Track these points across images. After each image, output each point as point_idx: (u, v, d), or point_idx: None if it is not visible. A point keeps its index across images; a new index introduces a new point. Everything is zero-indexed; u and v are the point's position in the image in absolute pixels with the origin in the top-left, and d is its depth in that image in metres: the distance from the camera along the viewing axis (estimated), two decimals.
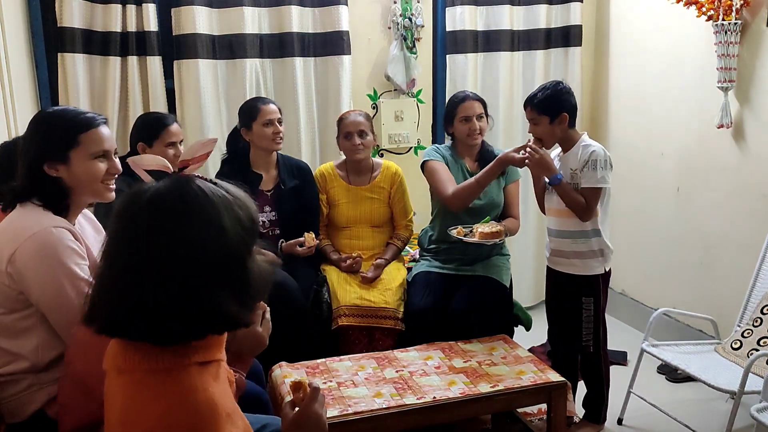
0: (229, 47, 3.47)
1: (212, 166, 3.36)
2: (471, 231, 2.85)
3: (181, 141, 2.87)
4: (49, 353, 1.78)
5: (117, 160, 1.86)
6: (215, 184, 1.18)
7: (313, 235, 2.98)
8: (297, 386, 1.45)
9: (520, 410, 2.74)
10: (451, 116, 2.99)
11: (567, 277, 2.71)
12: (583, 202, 2.58)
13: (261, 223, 3.04)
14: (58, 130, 1.78)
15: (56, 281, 1.70)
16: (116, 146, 1.90)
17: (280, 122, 3.05)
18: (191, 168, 1.32)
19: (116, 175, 1.86)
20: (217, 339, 1.20)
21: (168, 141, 2.78)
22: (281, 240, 3.02)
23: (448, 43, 3.82)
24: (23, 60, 3.11)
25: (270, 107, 3.03)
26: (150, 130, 2.81)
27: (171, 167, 1.32)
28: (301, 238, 2.97)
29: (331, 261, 3.13)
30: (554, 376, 2.29)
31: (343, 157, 3.25)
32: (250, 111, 3.04)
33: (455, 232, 2.86)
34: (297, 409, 1.39)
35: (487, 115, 3.04)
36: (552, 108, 2.62)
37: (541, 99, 2.65)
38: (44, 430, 1.78)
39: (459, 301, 2.79)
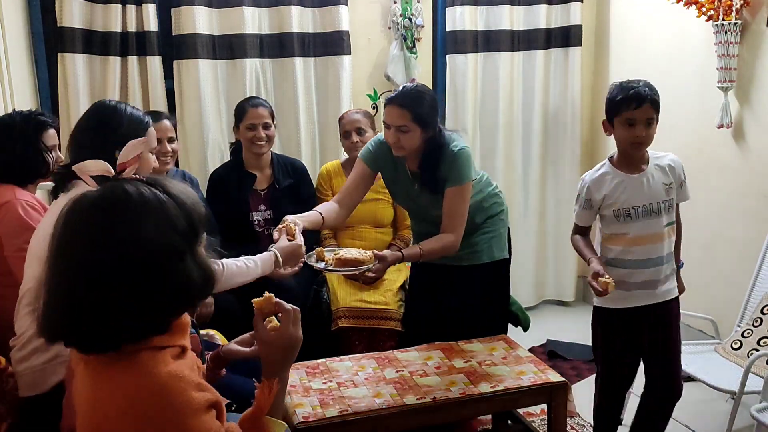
0: (229, 47, 3.47)
1: (219, 160, 3.41)
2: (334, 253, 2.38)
3: (170, 138, 2.85)
4: None
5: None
6: (155, 185, 1.17)
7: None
8: (267, 304, 1.39)
9: (522, 410, 2.73)
10: None
11: (663, 307, 2.35)
12: (680, 224, 2.40)
13: (256, 222, 3.05)
14: (133, 122, 1.92)
15: None
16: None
17: (266, 126, 3.04)
18: (128, 170, 1.34)
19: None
20: (175, 326, 1.20)
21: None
22: (272, 245, 3.01)
23: (448, 43, 3.82)
24: (23, 60, 3.11)
25: (257, 111, 3.02)
26: None
27: (112, 171, 1.33)
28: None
29: None
30: (554, 376, 2.29)
31: (348, 156, 3.26)
32: (239, 111, 3.08)
33: (314, 257, 2.36)
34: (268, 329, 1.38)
35: (424, 126, 2.39)
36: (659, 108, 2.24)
37: (657, 95, 2.21)
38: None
39: (451, 300, 2.69)
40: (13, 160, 2.29)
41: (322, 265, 2.30)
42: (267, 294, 1.42)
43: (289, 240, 2.20)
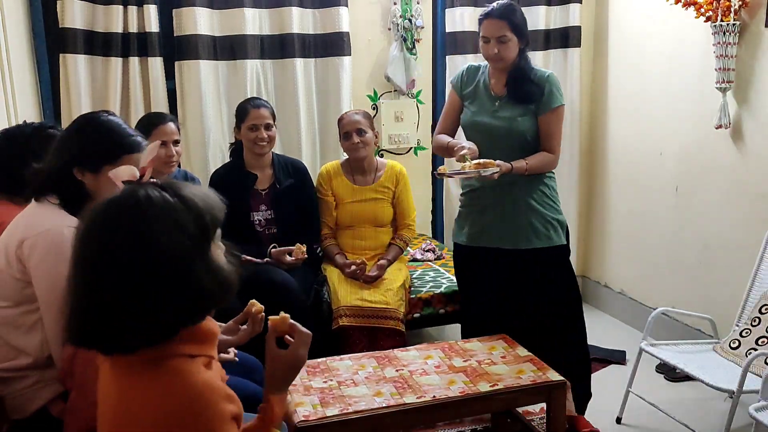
0: (230, 48, 3.48)
1: (220, 161, 3.41)
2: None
3: (177, 141, 2.84)
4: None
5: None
6: (167, 189, 1.18)
7: (304, 249, 2.99)
8: (282, 324, 1.45)
9: (522, 409, 2.75)
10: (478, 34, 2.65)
11: None
12: None
13: (257, 221, 3.06)
14: (105, 143, 1.79)
15: (63, 282, 1.71)
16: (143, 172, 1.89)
17: (268, 127, 3.04)
18: (146, 175, 1.35)
19: None
20: (205, 334, 1.23)
21: (159, 140, 2.71)
22: (273, 244, 3.03)
23: (447, 44, 3.83)
24: (25, 61, 3.12)
25: (258, 111, 3.03)
26: (142, 129, 2.80)
27: (137, 175, 1.34)
28: (292, 247, 2.99)
29: (334, 263, 3.15)
30: (553, 376, 2.30)
31: (347, 156, 3.28)
32: (240, 112, 3.08)
33: (441, 169, 2.54)
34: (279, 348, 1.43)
35: (520, 35, 2.59)
36: None
37: None
38: (47, 427, 1.79)
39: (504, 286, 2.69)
40: (23, 172, 2.26)
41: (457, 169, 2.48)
42: (283, 314, 1.47)
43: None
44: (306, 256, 3.00)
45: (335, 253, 3.17)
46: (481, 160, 2.45)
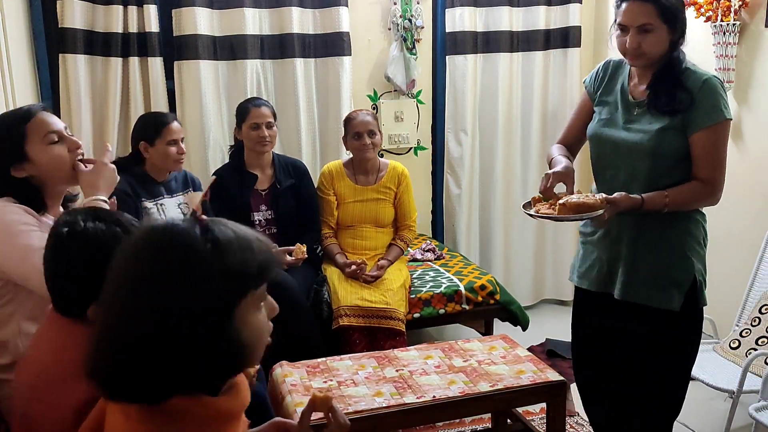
0: (229, 48, 3.48)
1: (220, 161, 3.41)
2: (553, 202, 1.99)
3: (182, 139, 2.87)
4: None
5: (72, 137, 1.82)
6: (225, 226, 1.11)
7: (304, 249, 2.99)
8: (322, 404, 1.37)
9: (522, 409, 2.75)
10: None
11: None
12: None
13: (258, 221, 3.06)
14: (4, 133, 1.76)
15: (14, 248, 1.68)
16: (65, 124, 1.85)
17: (269, 126, 3.05)
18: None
19: (78, 150, 1.81)
20: (228, 412, 1.11)
21: (170, 139, 2.79)
22: (273, 244, 3.03)
23: (447, 44, 3.84)
24: (25, 61, 3.12)
25: (259, 111, 3.04)
26: (151, 129, 2.82)
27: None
28: (292, 247, 2.99)
29: (335, 262, 3.15)
30: (553, 375, 2.30)
31: (350, 155, 3.27)
32: (241, 112, 3.09)
33: (531, 201, 2.06)
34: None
35: (672, 24, 1.89)
36: None
37: None
38: None
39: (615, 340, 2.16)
40: None
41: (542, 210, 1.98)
42: (328, 393, 1.41)
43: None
44: (306, 255, 3.00)
45: (336, 252, 3.17)
46: (577, 197, 1.88)
